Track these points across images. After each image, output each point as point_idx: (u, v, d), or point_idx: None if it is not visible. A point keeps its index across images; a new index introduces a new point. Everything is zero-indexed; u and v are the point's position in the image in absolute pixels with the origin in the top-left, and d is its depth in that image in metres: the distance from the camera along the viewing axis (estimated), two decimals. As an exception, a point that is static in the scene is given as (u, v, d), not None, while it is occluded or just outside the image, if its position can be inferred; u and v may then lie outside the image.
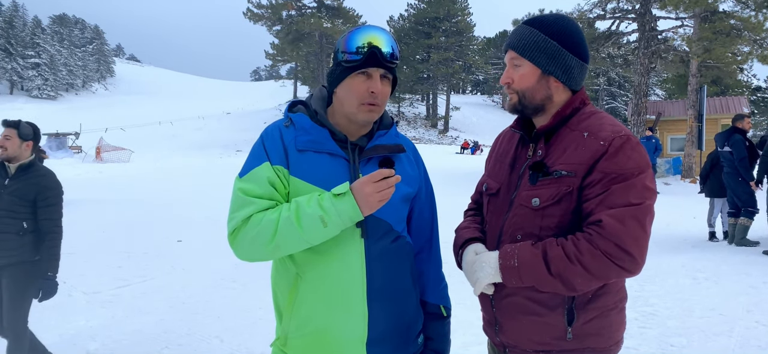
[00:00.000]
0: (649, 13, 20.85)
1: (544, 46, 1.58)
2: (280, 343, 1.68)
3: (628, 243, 1.41)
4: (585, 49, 1.62)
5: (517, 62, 1.62)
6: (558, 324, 1.56)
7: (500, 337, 1.69)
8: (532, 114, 1.65)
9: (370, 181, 1.48)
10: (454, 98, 73.03)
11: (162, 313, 5.08)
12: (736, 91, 40.57)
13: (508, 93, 1.65)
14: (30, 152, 3.46)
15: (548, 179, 1.54)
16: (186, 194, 15.64)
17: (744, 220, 7.92)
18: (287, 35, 49.69)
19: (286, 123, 1.65)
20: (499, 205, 1.68)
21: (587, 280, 1.45)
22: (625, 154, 1.48)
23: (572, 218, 1.52)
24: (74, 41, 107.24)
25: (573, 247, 1.45)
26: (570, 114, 1.60)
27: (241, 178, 1.60)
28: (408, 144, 1.79)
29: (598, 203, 1.46)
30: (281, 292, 1.68)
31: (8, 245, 3.32)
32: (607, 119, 1.59)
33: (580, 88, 1.65)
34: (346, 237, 1.56)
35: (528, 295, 1.57)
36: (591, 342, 1.58)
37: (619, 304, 1.64)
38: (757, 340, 4.29)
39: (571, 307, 1.55)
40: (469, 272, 1.62)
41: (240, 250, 1.57)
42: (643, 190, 1.46)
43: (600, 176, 1.47)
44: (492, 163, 1.81)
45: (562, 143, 1.57)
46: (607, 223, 1.42)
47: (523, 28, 1.63)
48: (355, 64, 1.56)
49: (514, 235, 1.60)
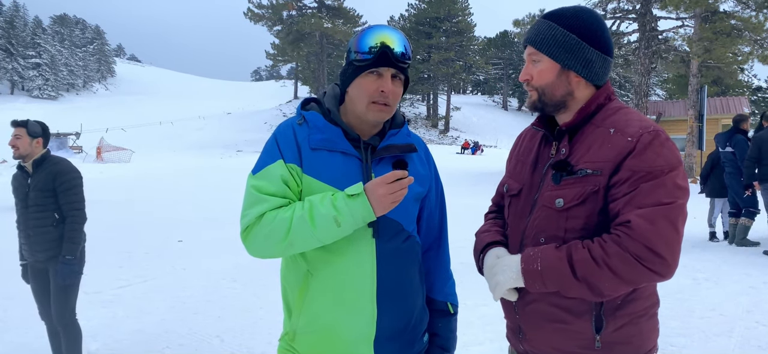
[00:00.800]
0: (649, 14, 20.86)
1: (563, 39, 1.50)
2: (288, 339, 1.69)
3: (658, 245, 1.32)
4: (607, 42, 1.53)
5: (536, 58, 1.54)
6: (585, 332, 1.47)
7: (524, 345, 1.63)
8: (553, 111, 1.56)
9: (384, 183, 1.49)
10: (454, 98, 73.01)
11: (163, 313, 5.09)
12: (737, 91, 40.59)
13: (528, 90, 1.58)
14: (41, 148, 3.55)
15: (572, 178, 1.46)
16: (187, 194, 15.66)
17: (745, 221, 7.92)
18: (288, 35, 49.71)
19: (299, 121, 1.65)
20: (521, 206, 1.60)
21: (616, 284, 1.36)
22: (653, 151, 1.39)
23: (599, 220, 1.44)
24: (75, 41, 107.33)
25: (600, 250, 1.36)
26: (595, 110, 1.52)
27: (255, 175, 1.61)
28: (419, 143, 1.79)
29: (626, 203, 1.37)
30: (291, 288, 1.68)
31: (48, 238, 3.47)
32: (635, 115, 1.49)
33: (604, 82, 1.56)
34: (358, 236, 1.57)
35: (553, 302, 1.49)
36: (620, 351, 1.48)
37: (650, 310, 1.53)
38: (757, 340, 4.29)
39: (599, 314, 1.46)
40: (490, 277, 1.56)
41: (253, 246, 1.58)
42: (674, 189, 1.37)
43: (628, 174, 1.38)
44: (513, 163, 1.73)
45: (586, 141, 1.48)
46: (637, 224, 1.33)
47: (541, 23, 1.55)
48: (367, 64, 1.57)
49: (537, 238, 1.52)
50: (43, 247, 3.47)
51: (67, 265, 3.43)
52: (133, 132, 51.34)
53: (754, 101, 51.26)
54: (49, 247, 3.47)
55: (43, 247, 3.46)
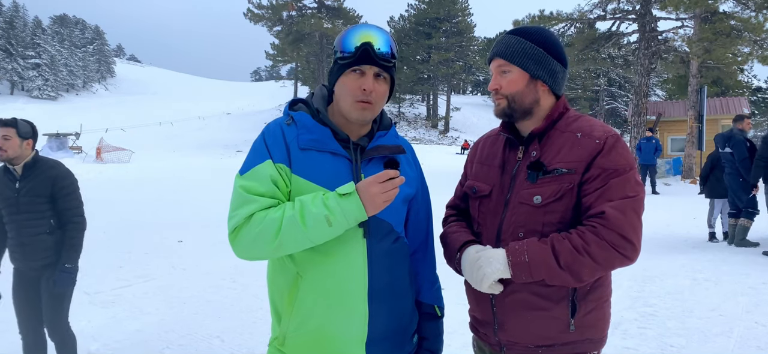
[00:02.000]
0: (649, 14, 20.87)
1: (532, 52, 1.69)
2: (278, 343, 1.67)
3: (629, 232, 1.52)
4: (565, 57, 1.75)
5: (506, 68, 1.71)
6: (563, 317, 1.63)
7: (499, 336, 1.72)
8: (519, 118, 1.72)
9: (377, 182, 1.49)
10: (454, 99, 73.00)
11: (163, 313, 5.09)
12: (737, 91, 40.55)
13: (497, 99, 1.73)
14: (30, 150, 3.31)
15: (548, 177, 1.62)
16: (186, 194, 15.66)
17: (744, 221, 7.92)
18: (287, 36, 49.63)
19: (287, 121, 1.64)
20: (493, 205, 1.74)
21: (594, 269, 1.54)
22: (617, 152, 1.60)
23: (573, 213, 1.61)
24: (75, 41, 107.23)
25: (580, 240, 1.53)
26: (558, 117, 1.71)
27: (242, 175, 1.59)
28: (406, 145, 1.80)
29: (599, 196, 1.56)
30: (280, 291, 1.66)
31: (43, 246, 3.29)
32: (594, 121, 1.71)
33: (562, 93, 1.76)
34: (349, 237, 1.56)
35: (534, 291, 1.63)
36: (589, 333, 1.67)
37: (609, 298, 1.74)
38: (756, 340, 4.30)
39: (573, 299, 1.63)
40: (473, 267, 1.64)
41: (240, 248, 1.56)
42: (635, 184, 1.59)
43: (598, 172, 1.58)
44: (476, 168, 1.86)
45: (555, 144, 1.66)
46: (611, 214, 1.52)
47: (509, 38, 1.73)
48: (349, 62, 1.57)
49: (516, 232, 1.65)
50: (39, 255, 3.29)
51: (67, 274, 3.28)
52: (132, 132, 51.32)
53: (754, 102, 51.29)
54: (46, 255, 3.30)
55: (39, 255, 3.29)
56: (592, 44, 22.71)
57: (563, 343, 1.64)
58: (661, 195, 15.68)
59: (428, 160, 20.93)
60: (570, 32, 23.57)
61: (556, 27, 22.14)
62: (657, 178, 17.24)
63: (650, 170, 15.84)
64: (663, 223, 10.10)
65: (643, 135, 18.27)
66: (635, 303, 5.21)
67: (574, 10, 21.99)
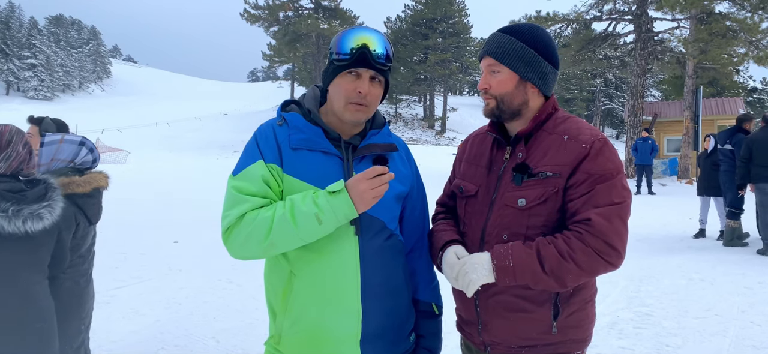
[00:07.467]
0: (645, 15, 20.94)
1: (522, 53, 1.65)
2: (274, 342, 1.68)
3: (614, 239, 1.50)
4: (557, 57, 1.72)
5: (496, 68, 1.67)
6: (545, 319, 1.63)
7: (483, 336, 1.73)
8: (508, 119, 1.70)
9: (365, 178, 1.50)
10: (451, 99, 73.02)
11: (158, 314, 5.07)
12: (733, 92, 40.75)
13: (486, 99, 1.71)
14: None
15: (533, 180, 1.60)
16: (182, 195, 15.62)
17: (730, 222, 7.97)
18: (284, 36, 49.62)
19: (279, 122, 1.66)
20: (479, 206, 1.72)
21: (578, 275, 1.52)
22: (604, 157, 1.57)
23: (558, 216, 1.60)
24: (71, 42, 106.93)
25: (565, 245, 1.51)
26: (545, 118, 1.68)
27: (235, 176, 1.61)
28: (400, 143, 1.81)
29: (585, 202, 1.54)
30: (274, 290, 1.67)
31: None
32: (582, 123, 1.68)
33: (552, 93, 1.74)
34: (341, 234, 1.57)
35: (517, 293, 1.62)
36: (572, 334, 1.67)
37: (593, 298, 1.74)
38: (751, 340, 4.31)
39: (556, 302, 1.62)
40: (459, 274, 1.62)
41: (233, 247, 1.57)
42: (622, 190, 1.57)
43: (584, 177, 1.55)
44: (464, 166, 1.85)
45: (541, 146, 1.64)
46: (596, 221, 1.50)
47: (500, 36, 1.69)
48: (345, 64, 1.58)
49: (500, 234, 1.64)
50: None
51: None
52: (129, 133, 51.20)
53: (750, 102, 51.48)
54: None
55: None
56: (589, 45, 22.77)
57: (546, 343, 1.64)
58: (657, 195, 15.73)
59: (425, 160, 20.93)
60: (566, 33, 23.65)
61: (553, 28, 22.19)
62: (653, 179, 17.32)
63: (646, 170, 15.98)
64: (659, 224, 10.13)
65: (640, 135, 18.33)
66: (631, 303, 5.22)
67: (571, 11, 22.04)
